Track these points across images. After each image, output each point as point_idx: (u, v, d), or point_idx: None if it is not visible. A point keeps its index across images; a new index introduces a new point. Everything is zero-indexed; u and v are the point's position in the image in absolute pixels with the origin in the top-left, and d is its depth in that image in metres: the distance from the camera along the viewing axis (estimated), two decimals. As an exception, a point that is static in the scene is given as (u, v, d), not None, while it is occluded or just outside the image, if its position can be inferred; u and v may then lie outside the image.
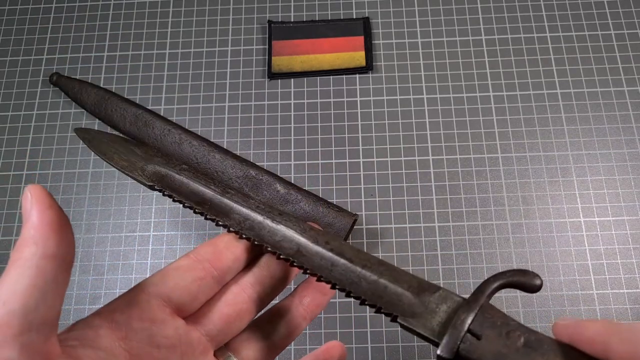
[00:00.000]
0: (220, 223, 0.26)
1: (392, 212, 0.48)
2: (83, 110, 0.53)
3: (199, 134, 0.52)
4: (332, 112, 0.52)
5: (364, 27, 0.55)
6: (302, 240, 0.25)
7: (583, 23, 0.54)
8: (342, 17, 0.56)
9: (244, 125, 0.52)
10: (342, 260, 0.24)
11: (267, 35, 0.55)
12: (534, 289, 0.22)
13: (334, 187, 0.50)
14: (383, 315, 0.23)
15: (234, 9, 0.57)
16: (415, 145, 0.51)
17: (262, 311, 0.26)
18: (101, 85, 0.54)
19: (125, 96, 0.54)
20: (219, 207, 0.26)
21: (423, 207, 0.49)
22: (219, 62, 0.55)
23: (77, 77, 0.55)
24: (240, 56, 0.55)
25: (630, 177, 0.49)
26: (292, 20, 0.56)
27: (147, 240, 0.49)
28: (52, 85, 0.54)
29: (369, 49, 0.54)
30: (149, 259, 0.48)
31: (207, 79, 0.54)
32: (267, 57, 0.55)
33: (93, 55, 0.56)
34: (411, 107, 0.52)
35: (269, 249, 0.25)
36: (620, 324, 0.19)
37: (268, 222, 0.26)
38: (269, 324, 0.26)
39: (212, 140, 0.51)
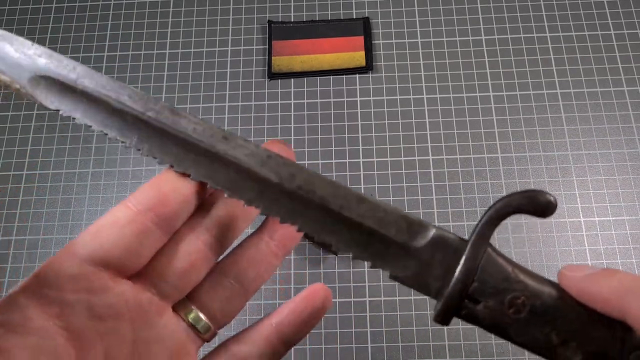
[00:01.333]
0: (159, 161, 0.21)
1: (392, 212, 0.48)
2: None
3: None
4: (332, 112, 0.52)
5: (364, 27, 0.55)
6: (262, 176, 0.20)
7: (583, 23, 0.54)
8: (342, 17, 0.56)
9: (244, 125, 0.52)
10: (315, 201, 0.20)
11: (267, 35, 0.56)
12: (547, 211, 0.18)
13: (334, 187, 0.49)
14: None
15: (234, 9, 0.57)
16: (415, 145, 0.51)
17: (225, 253, 0.23)
18: (101, 85, 0.54)
19: (126, 96, 0.54)
20: (148, 139, 0.21)
21: (423, 207, 0.49)
22: (219, 62, 0.55)
23: (77, 77, 0.55)
24: (240, 56, 0.55)
25: (630, 177, 0.49)
26: (292, 20, 0.56)
27: (147, 240, 0.49)
28: (52, 85, 0.54)
29: (369, 49, 0.54)
30: (149, 259, 0.48)
31: (207, 79, 0.54)
32: (267, 57, 0.55)
33: (93, 55, 0.56)
34: (411, 107, 0.52)
35: (226, 194, 0.20)
36: (639, 280, 0.16)
37: (214, 152, 0.20)
38: (235, 266, 0.22)
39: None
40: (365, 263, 0.20)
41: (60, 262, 0.19)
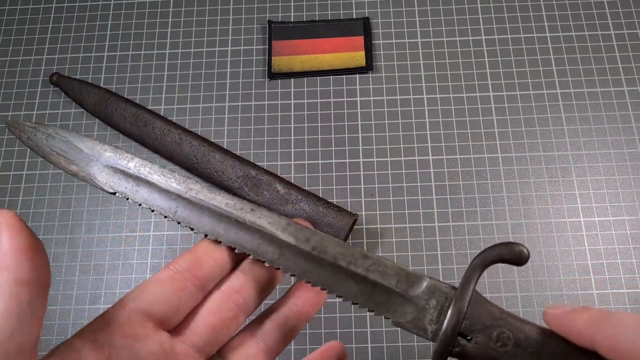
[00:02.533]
0: (195, 230, 0.25)
1: (392, 212, 0.48)
2: (83, 110, 0.53)
3: (199, 134, 0.52)
4: (332, 112, 0.52)
5: (364, 27, 0.55)
6: (283, 239, 0.24)
7: (583, 23, 0.54)
8: (342, 17, 0.56)
9: (244, 125, 0.52)
10: (328, 259, 0.23)
11: (267, 35, 0.56)
12: (521, 260, 0.22)
13: (334, 187, 0.50)
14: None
15: (234, 9, 0.57)
16: (415, 145, 0.51)
17: (255, 315, 0.26)
18: (101, 85, 0.54)
19: (126, 96, 0.54)
20: (188, 214, 0.25)
21: (423, 207, 0.49)
22: (219, 62, 0.55)
23: (77, 77, 0.55)
24: (240, 56, 0.55)
25: (630, 177, 0.49)
26: (292, 20, 0.56)
27: (147, 240, 0.49)
28: (52, 85, 0.54)
29: (369, 49, 0.54)
30: (149, 258, 0.48)
31: (207, 79, 0.54)
32: (267, 57, 0.55)
33: (93, 55, 0.56)
34: (411, 107, 0.52)
35: (251, 255, 0.24)
36: (608, 314, 0.19)
37: (242, 222, 0.24)
38: (262, 328, 0.25)
39: (212, 140, 0.51)
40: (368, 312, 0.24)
41: (112, 312, 0.22)
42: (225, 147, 0.51)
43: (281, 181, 0.47)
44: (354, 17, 0.56)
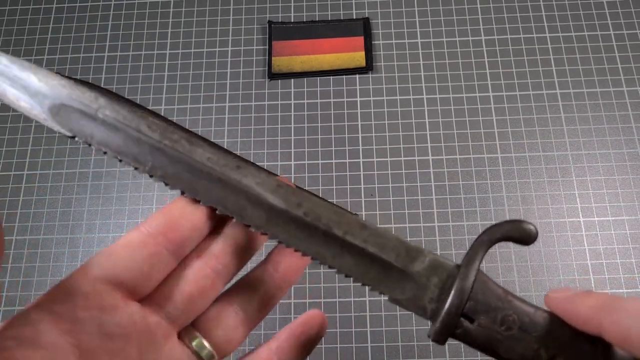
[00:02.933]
0: (170, 186, 0.22)
1: (392, 212, 0.49)
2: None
3: (200, 134, 0.52)
4: (332, 112, 0.52)
5: (364, 28, 0.55)
6: (272, 202, 0.21)
7: (582, 23, 0.55)
8: (342, 18, 0.56)
9: (244, 126, 0.52)
10: (321, 227, 0.21)
11: (267, 36, 0.56)
12: (529, 239, 0.20)
13: (334, 187, 0.50)
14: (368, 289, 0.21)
15: (234, 10, 0.57)
16: (415, 145, 0.51)
17: (230, 283, 0.24)
18: (102, 86, 0.54)
19: (126, 96, 0.54)
20: (163, 166, 0.21)
21: (423, 207, 0.49)
22: (220, 63, 0.55)
23: (78, 77, 0.55)
24: (240, 56, 0.55)
25: (630, 177, 0.49)
26: (292, 20, 0.56)
27: (148, 240, 0.49)
28: (52, 86, 0.54)
29: (369, 49, 0.54)
30: (150, 258, 0.48)
31: (207, 80, 0.54)
32: (267, 57, 0.55)
33: (94, 56, 0.56)
34: (411, 107, 0.52)
35: (235, 219, 0.21)
36: (615, 300, 0.18)
37: (226, 180, 0.21)
38: (240, 297, 0.23)
39: (212, 140, 0.51)
40: (366, 287, 0.21)
41: (73, 280, 0.19)
42: (225, 147, 0.51)
43: (281, 181, 0.47)
44: (354, 17, 0.56)
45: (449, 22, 0.56)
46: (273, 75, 0.54)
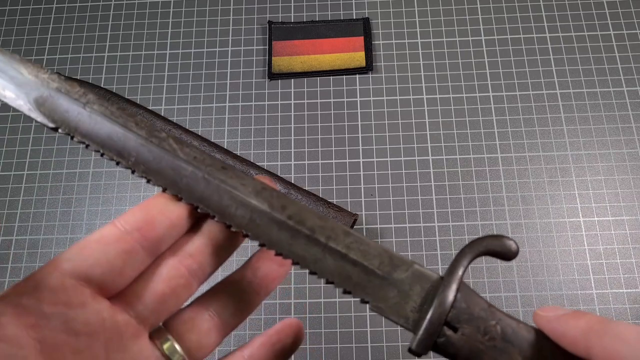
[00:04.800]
0: (151, 183, 0.21)
1: (392, 212, 0.49)
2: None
3: (200, 134, 0.52)
4: (332, 112, 0.53)
5: (364, 28, 0.55)
6: (255, 204, 0.21)
7: (582, 23, 0.55)
8: (342, 18, 0.56)
9: (245, 126, 0.52)
10: (304, 231, 0.21)
11: (267, 36, 0.56)
12: (509, 255, 0.20)
13: (334, 187, 0.50)
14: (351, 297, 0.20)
15: (235, 10, 0.57)
16: (415, 145, 0.51)
17: (208, 286, 0.23)
18: (102, 86, 0.54)
19: (126, 96, 0.54)
20: (147, 162, 0.21)
21: (423, 207, 0.49)
22: (220, 63, 0.55)
23: (78, 77, 0.55)
24: (240, 56, 0.55)
25: (630, 177, 0.49)
26: (292, 20, 0.56)
27: (148, 240, 0.49)
28: (52, 86, 0.54)
29: (369, 49, 0.54)
30: (150, 258, 0.48)
31: (207, 80, 0.54)
32: (267, 57, 0.55)
33: (94, 56, 0.56)
34: (411, 107, 0.52)
35: (216, 218, 0.21)
36: (605, 323, 0.17)
37: (210, 179, 0.21)
38: (216, 301, 0.22)
39: (212, 140, 0.51)
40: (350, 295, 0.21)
41: (42, 274, 0.19)
42: (225, 147, 0.51)
43: (281, 181, 0.47)
44: (354, 17, 0.56)
45: (449, 22, 0.56)
46: (273, 75, 0.54)
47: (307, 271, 0.21)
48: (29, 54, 0.56)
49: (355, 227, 0.48)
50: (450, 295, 0.19)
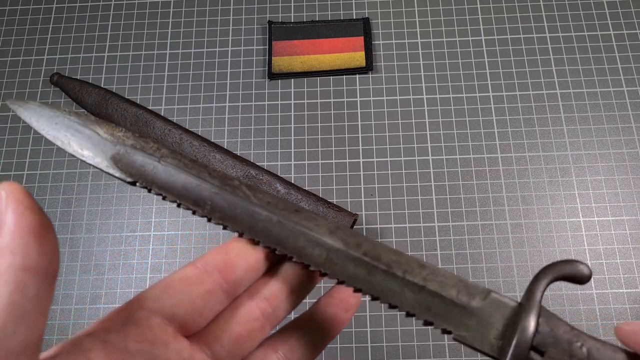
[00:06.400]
0: (229, 229, 0.22)
1: (392, 212, 0.49)
2: (83, 110, 0.53)
3: (200, 134, 0.52)
4: (332, 112, 0.52)
5: (364, 28, 0.55)
6: (331, 243, 0.22)
7: (583, 23, 0.55)
8: (342, 18, 0.56)
9: (244, 126, 0.52)
10: (381, 267, 0.21)
11: (267, 36, 0.56)
12: (583, 279, 0.20)
13: (334, 187, 0.50)
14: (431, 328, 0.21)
15: (235, 10, 0.57)
16: (415, 145, 0.51)
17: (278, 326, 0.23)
18: (102, 86, 0.54)
19: (126, 96, 0.54)
20: (222, 208, 0.22)
21: (423, 207, 0.49)
22: (220, 63, 0.55)
23: (78, 77, 0.55)
24: (240, 56, 0.55)
25: (630, 177, 0.49)
26: (292, 20, 0.56)
27: (148, 240, 0.49)
28: (52, 86, 0.54)
29: (369, 49, 0.54)
30: (150, 258, 0.48)
31: (207, 79, 0.54)
32: (267, 57, 0.55)
33: (94, 56, 0.56)
34: (411, 107, 0.52)
35: (294, 258, 0.22)
36: None
37: (285, 222, 0.22)
38: (285, 343, 0.23)
39: (212, 140, 0.51)
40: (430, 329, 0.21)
41: (128, 310, 0.19)
42: (225, 147, 0.51)
43: (281, 181, 0.47)
44: (354, 17, 0.56)
45: (449, 22, 0.56)
46: (273, 75, 0.54)
47: (386, 305, 0.21)
48: (29, 54, 0.56)
49: (355, 227, 0.48)
50: (533, 319, 0.20)
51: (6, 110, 0.54)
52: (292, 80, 0.54)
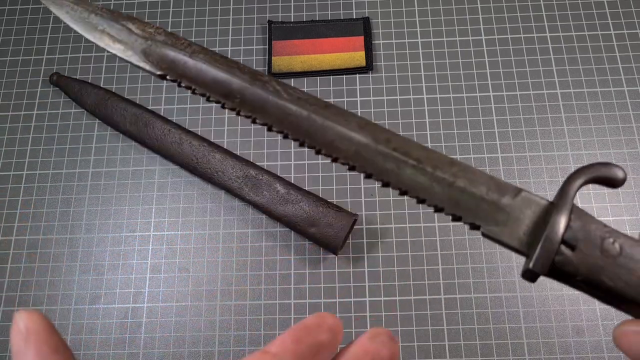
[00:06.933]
0: (257, 121, 0.23)
1: (392, 212, 0.48)
2: (83, 110, 0.53)
3: (199, 134, 0.52)
4: (332, 112, 0.52)
5: (364, 27, 0.55)
6: (360, 138, 0.22)
7: (583, 23, 0.54)
8: (342, 17, 0.56)
9: (244, 126, 0.52)
10: (410, 162, 0.21)
11: (267, 35, 0.56)
12: (617, 182, 0.20)
13: (334, 187, 0.50)
14: (463, 224, 0.20)
15: (234, 9, 0.57)
16: (415, 145, 0.51)
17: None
18: (101, 86, 0.54)
19: (126, 96, 0.54)
20: (252, 101, 0.23)
21: (423, 206, 0.49)
22: (219, 62, 0.55)
23: (78, 77, 0.55)
24: (240, 56, 0.55)
25: (630, 177, 0.49)
26: (292, 20, 0.56)
27: (147, 240, 0.49)
28: (52, 85, 0.54)
29: (369, 49, 0.54)
30: (149, 258, 0.48)
31: (207, 79, 0.54)
32: (267, 57, 0.55)
33: (93, 56, 0.56)
34: (411, 107, 0.52)
35: (323, 151, 0.22)
36: None
37: (314, 117, 0.22)
38: None
39: (212, 140, 0.51)
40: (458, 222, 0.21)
41: None
42: (225, 147, 0.51)
43: (281, 181, 0.47)
44: (354, 17, 0.56)
45: (449, 22, 0.55)
46: (273, 75, 0.54)
47: (415, 199, 0.21)
48: (29, 54, 0.56)
49: (355, 227, 0.48)
50: (565, 214, 0.19)
51: (5, 110, 0.54)
52: (292, 80, 0.54)
